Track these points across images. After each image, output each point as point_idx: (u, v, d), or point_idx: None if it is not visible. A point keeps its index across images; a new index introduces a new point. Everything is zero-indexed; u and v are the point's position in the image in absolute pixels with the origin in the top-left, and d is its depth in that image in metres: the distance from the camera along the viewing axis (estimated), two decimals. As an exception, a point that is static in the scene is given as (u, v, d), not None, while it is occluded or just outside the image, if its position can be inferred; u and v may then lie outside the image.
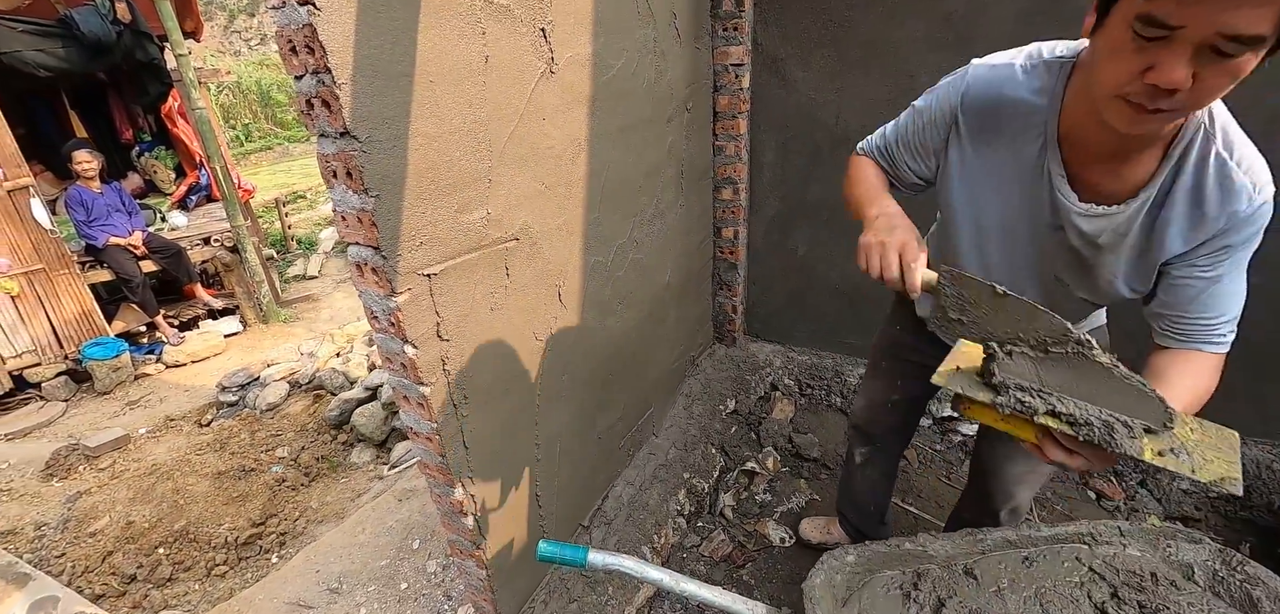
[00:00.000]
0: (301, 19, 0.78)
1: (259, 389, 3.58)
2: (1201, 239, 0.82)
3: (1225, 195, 0.79)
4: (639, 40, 1.62)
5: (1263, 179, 0.79)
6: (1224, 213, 0.80)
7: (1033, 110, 0.87)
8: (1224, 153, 0.78)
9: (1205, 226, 0.81)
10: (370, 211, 0.90)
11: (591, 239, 1.53)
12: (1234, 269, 0.85)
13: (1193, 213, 0.81)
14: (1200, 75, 0.65)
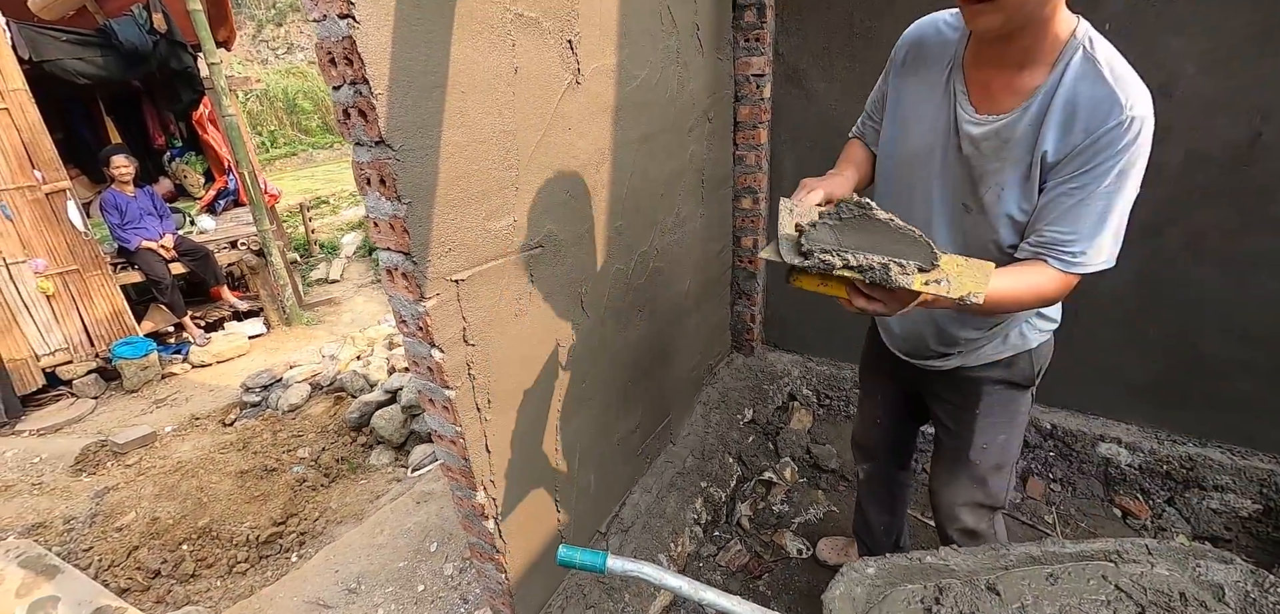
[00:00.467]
0: (341, 31, 0.81)
1: (281, 390, 3.65)
2: (1072, 146, 0.86)
3: (1097, 103, 0.84)
4: (662, 51, 1.64)
5: (1135, 96, 0.83)
6: (1095, 120, 0.84)
7: (947, 42, 1.00)
8: (1101, 66, 0.84)
9: (1076, 131, 0.85)
10: (402, 218, 0.93)
11: (614, 247, 1.54)
12: (1100, 189, 0.86)
13: (1067, 119, 0.86)
14: None
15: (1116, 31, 1.75)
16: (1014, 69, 0.90)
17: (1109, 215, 0.87)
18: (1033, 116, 0.89)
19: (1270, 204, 1.72)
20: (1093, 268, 0.91)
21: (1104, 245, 0.89)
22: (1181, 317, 1.93)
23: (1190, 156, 1.77)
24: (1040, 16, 0.84)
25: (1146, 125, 0.83)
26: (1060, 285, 0.92)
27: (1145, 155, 0.85)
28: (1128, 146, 0.83)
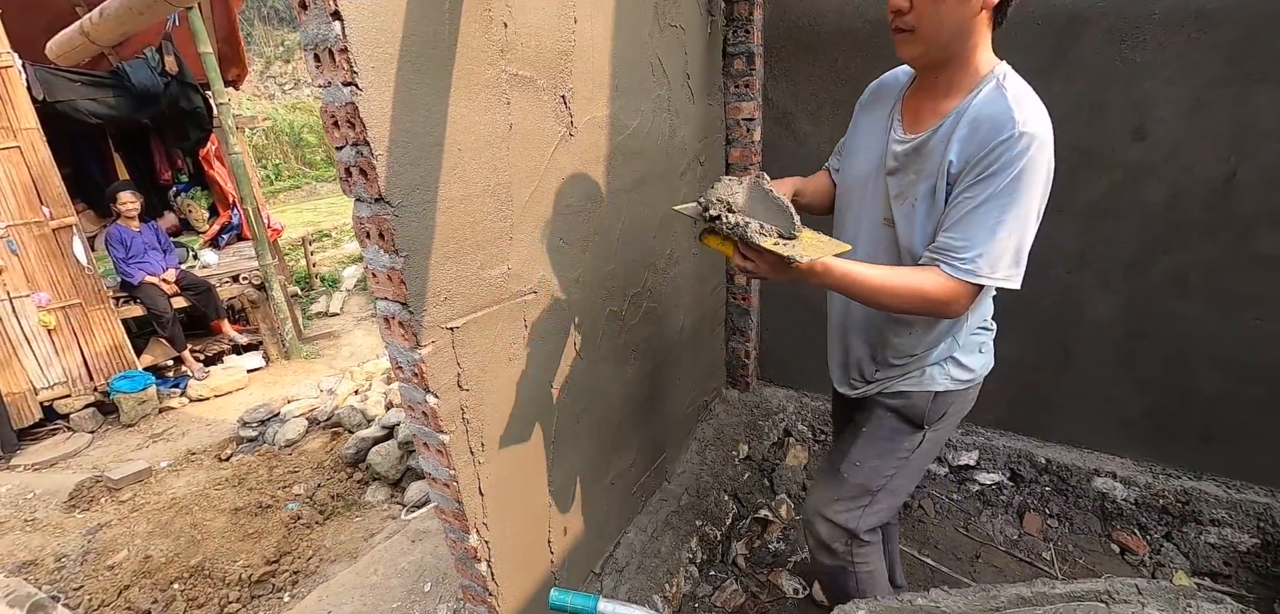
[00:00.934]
0: (345, 98, 0.86)
1: (279, 425, 3.65)
2: (969, 156, 0.92)
3: (994, 118, 0.90)
4: (654, 100, 1.71)
5: (1030, 115, 0.89)
6: (990, 132, 0.90)
7: (899, 84, 1.11)
8: (1006, 91, 0.92)
9: (975, 143, 0.92)
10: (400, 270, 0.96)
11: (607, 289, 1.58)
12: (994, 201, 0.90)
13: (970, 133, 0.93)
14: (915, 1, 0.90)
15: (1092, 75, 1.82)
16: (940, 96, 0.99)
17: (1000, 226, 0.91)
18: (944, 133, 0.97)
19: (1251, 241, 1.76)
20: (985, 279, 0.93)
21: (998, 258, 0.92)
22: (1170, 351, 1.96)
23: (1169, 195, 1.83)
24: (960, 51, 0.94)
25: (1037, 144, 0.88)
26: (946, 290, 0.95)
27: (1039, 176, 0.90)
28: (1017, 158, 0.88)
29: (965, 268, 0.93)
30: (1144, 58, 1.76)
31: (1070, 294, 2.05)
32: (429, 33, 0.95)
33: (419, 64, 0.94)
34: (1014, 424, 2.32)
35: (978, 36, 0.94)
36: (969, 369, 1.16)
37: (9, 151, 3.85)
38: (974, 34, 0.93)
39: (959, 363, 1.14)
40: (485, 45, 1.05)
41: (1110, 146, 1.86)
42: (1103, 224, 1.94)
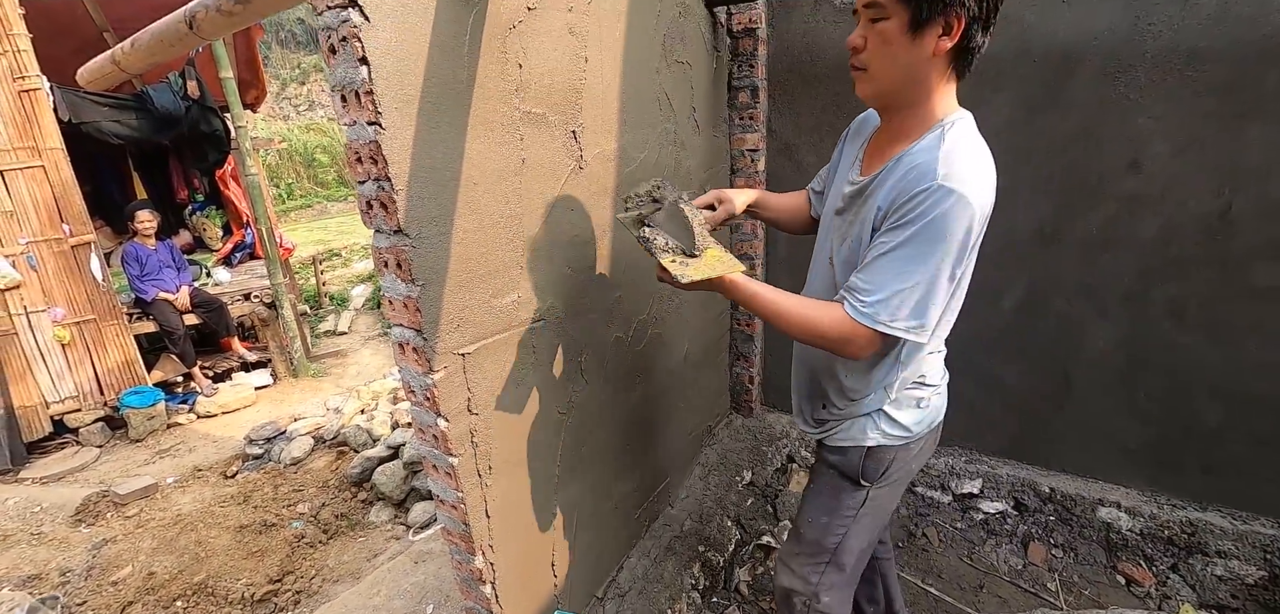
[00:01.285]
0: (369, 136, 0.91)
1: (285, 443, 3.67)
2: (893, 201, 0.91)
3: (920, 167, 0.89)
4: (661, 133, 1.76)
5: (956, 173, 0.85)
6: (911, 180, 0.89)
7: (875, 120, 1.10)
8: (944, 142, 0.89)
9: (898, 189, 0.91)
10: (416, 298, 1.00)
11: (613, 316, 1.62)
12: (902, 249, 0.89)
13: (899, 179, 0.92)
14: (868, 35, 0.91)
15: (1086, 110, 1.87)
16: (893, 139, 0.99)
17: (904, 276, 0.88)
18: (882, 177, 0.96)
19: (1247, 273, 1.79)
20: (883, 327, 0.91)
21: (898, 307, 0.90)
22: (1171, 381, 1.97)
23: (1165, 227, 1.86)
24: (914, 95, 0.93)
25: (956, 201, 0.84)
26: (842, 328, 0.93)
27: (953, 233, 0.86)
28: (930, 210, 0.85)
29: (864, 310, 0.91)
30: (1137, 94, 1.81)
31: (1070, 323, 2.07)
32: (448, 75, 1.00)
33: (438, 104, 0.99)
34: (1017, 452, 2.32)
35: (933, 82, 0.92)
36: (902, 426, 1.11)
37: (33, 171, 3.96)
38: (928, 79, 0.91)
39: (890, 418, 1.10)
40: (501, 86, 1.11)
41: (1106, 179, 1.90)
42: (1100, 255, 1.97)
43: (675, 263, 1.02)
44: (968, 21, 0.85)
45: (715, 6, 2.09)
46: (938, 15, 0.84)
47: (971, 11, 0.84)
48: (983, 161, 0.90)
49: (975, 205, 0.86)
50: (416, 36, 0.94)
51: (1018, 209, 2.04)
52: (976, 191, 0.86)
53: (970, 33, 0.86)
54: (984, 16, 0.86)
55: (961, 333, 2.21)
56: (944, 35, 0.86)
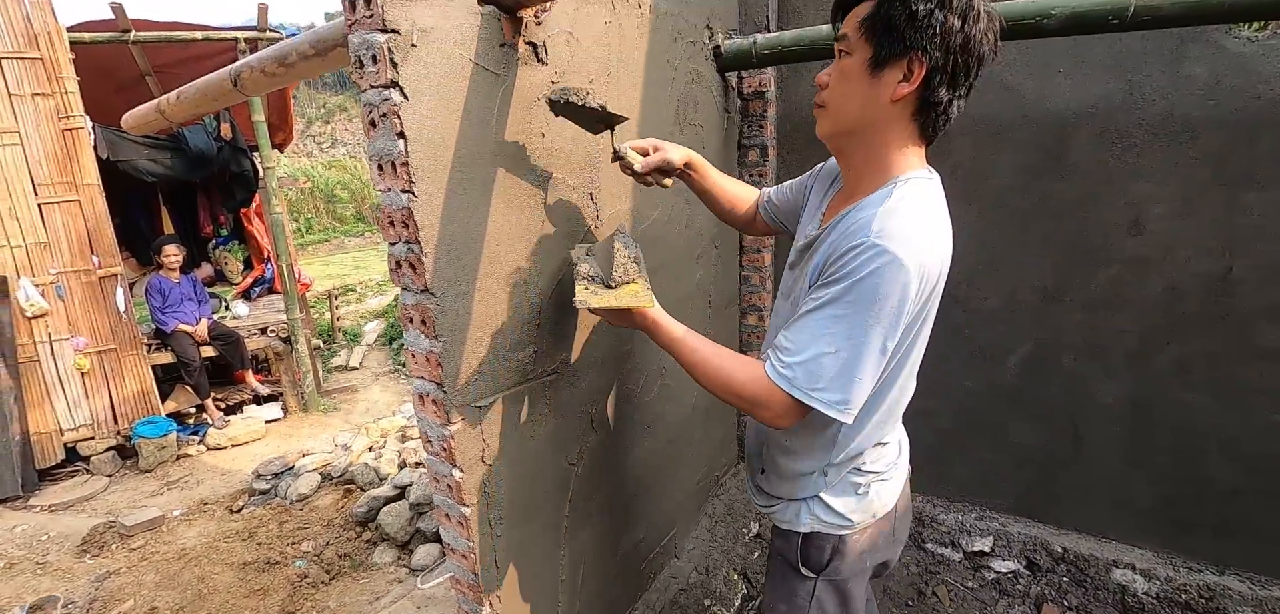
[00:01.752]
0: (402, 202, 0.98)
1: (292, 479, 3.69)
2: (827, 257, 0.86)
3: (858, 223, 0.83)
4: (671, 191, 1.83)
5: (893, 231, 0.79)
6: (845, 238, 0.83)
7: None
8: (889, 201, 0.83)
9: (835, 244, 0.85)
10: (438, 354, 1.05)
11: (624, 368, 1.66)
12: (826, 309, 0.82)
13: (837, 237, 0.86)
14: (834, 71, 0.90)
15: (1086, 174, 1.92)
16: (848, 193, 0.95)
17: (825, 339, 0.81)
18: (827, 231, 0.91)
19: (1251, 335, 1.80)
20: (799, 393, 0.83)
21: (817, 374, 0.82)
22: (1181, 441, 1.96)
23: (1168, 288, 1.89)
24: (870, 145, 0.88)
25: (888, 262, 0.77)
26: (757, 388, 0.87)
27: (884, 299, 0.78)
28: (858, 270, 0.79)
29: (781, 371, 0.84)
30: (1134, 159, 1.86)
31: (1077, 381, 2.08)
32: (477, 146, 1.07)
33: (467, 172, 1.06)
34: (1028, 509, 2.30)
35: (891, 135, 0.87)
36: (837, 513, 1.01)
37: (70, 204, 4.14)
38: (885, 131, 0.87)
39: (825, 503, 1.02)
40: (525, 154, 1.18)
41: (1108, 240, 1.94)
42: (1105, 314, 1.99)
43: (586, 289, 1.04)
44: (929, 69, 0.81)
45: (727, 71, 2.19)
46: (898, 56, 0.81)
47: (934, 60, 0.80)
48: (930, 222, 0.84)
49: (911, 268, 0.78)
50: (450, 111, 1.01)
51: (1022, 268, 2.08)
52: (914, 253, 0.78)
53: (932, 84, 0.82)
54: (948, 71, 0.81)
55: (969, 389, 2.24)
56: (904, 81, 0.82)
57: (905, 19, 0.79)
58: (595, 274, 1.08)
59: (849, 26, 0.86)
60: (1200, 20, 1.46)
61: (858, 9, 0.85)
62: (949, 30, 0.78)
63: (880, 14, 0.81)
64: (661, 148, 1.25)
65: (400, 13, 0.91)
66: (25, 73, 3.93)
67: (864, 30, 0.83)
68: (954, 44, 0.79)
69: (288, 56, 1.50)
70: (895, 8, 0.80)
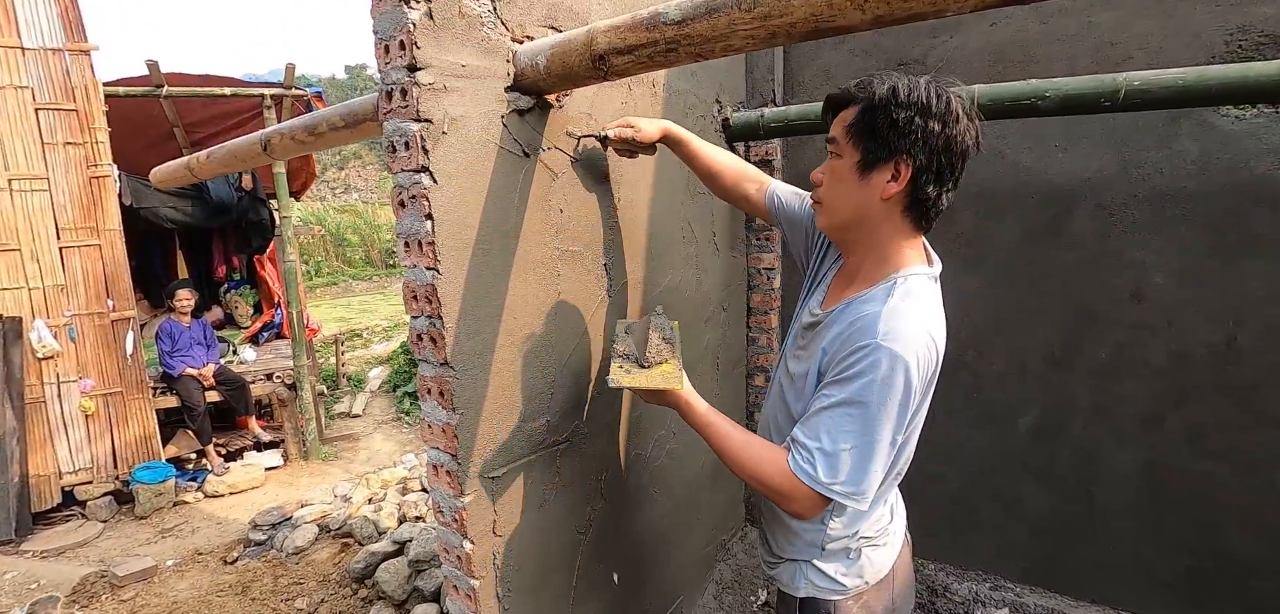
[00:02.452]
0: (427, 279, 1.01)
1: (289, 530, 3.63)
2: (836, 353, 0.89)
3: (862, 321, 0.87)
4: (683, 258, 1.88)
5: (896, 334, 0.83)
6: (852, 333, 0.87)
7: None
8: (892, 298, 0.88)
9: (841, 341, 0.89)
10: (454, 425, 1.07)
11: (634, 434, 1.66)
12: (842, 408, 0.85)
13: (843, 330, 0.90)
14: (826, 171, 0.95)
15: (1087, 242, 1.96)
16: (850, 280, 0.99)
17: (843, 435, 0.85)
18: (832, 318, 0.95)
19: (1259, 403, 1.79)
20: (822, 487, 0.87)
21: (837, 467, 0.86)
22: (1198, 510, 1.92)
23: (1174, 355, 1.89)
24: (869, 239, 0.93)
25: (894, 362, 0.82)
26: (785, 483, 0.89)
27: (891, 396, 0.83)
28: (868, 370, 0.83)
29: (802, 466, 0.88)
30: (1132, 230, 1.90)
31: (1089, 447, 2.07)
32: (499, 224, 1.12)
33: (488, 250, 1.10)
34: (1044, 579, 2.24)
35: (887, 230, 0.91)
36: (831, 578, 1.03)
37: (91, 248, 4.23)
38: (881, 225, 0.91)
39: (819, 569, 1.04)
40: (543, 229, 1.23)
41: (1111, 307, 1.96)
42: (1113, 381, 1.99)
43: (620, 368, 1.06)
44: (914, 170, 0.86)
45: (735, 141, 2.28)
46: (884, 160, 0.87)
47: (919, 161, 0.85)
48: (929, 320, 0.88)
49: (914, 368, 0.83)
50: (475, 192, 1.06)
51: (1028, 333, 2.10)
52: (916, 352, 0.84)
53: (919, 183, 0.87)
54: (934, 169, 0.86)
55: (980, 450, 2.22)
56: (892, 181, 0.87)
57: (888, 126, 0.85)
58: (630, 353, 1.10)
59: (837, 130, 0.93)
60: (1188, 103, 1.52)
61: (844, 114, 0.92)
62: (930, 134, 0.84)
63: (865, 121, 0.88)
64: (632, 123, 1.27)
65: (433, 104, 0.97)
66: (59, 122, 4.10)
67: (851, 135, 0.90)
68: (936, 146, 0.85)
69: (318, 126, 1.58)
70: (878, 116, 0.86)
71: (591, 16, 1.36)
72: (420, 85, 0.94)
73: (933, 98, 0.84)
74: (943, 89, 0.86)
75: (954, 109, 0.85)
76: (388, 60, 0.96)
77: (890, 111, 0.85)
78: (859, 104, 0.90)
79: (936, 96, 0.84)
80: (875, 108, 0.87)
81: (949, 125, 0.84)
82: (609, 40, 1.01)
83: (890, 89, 0.86)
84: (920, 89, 0.85)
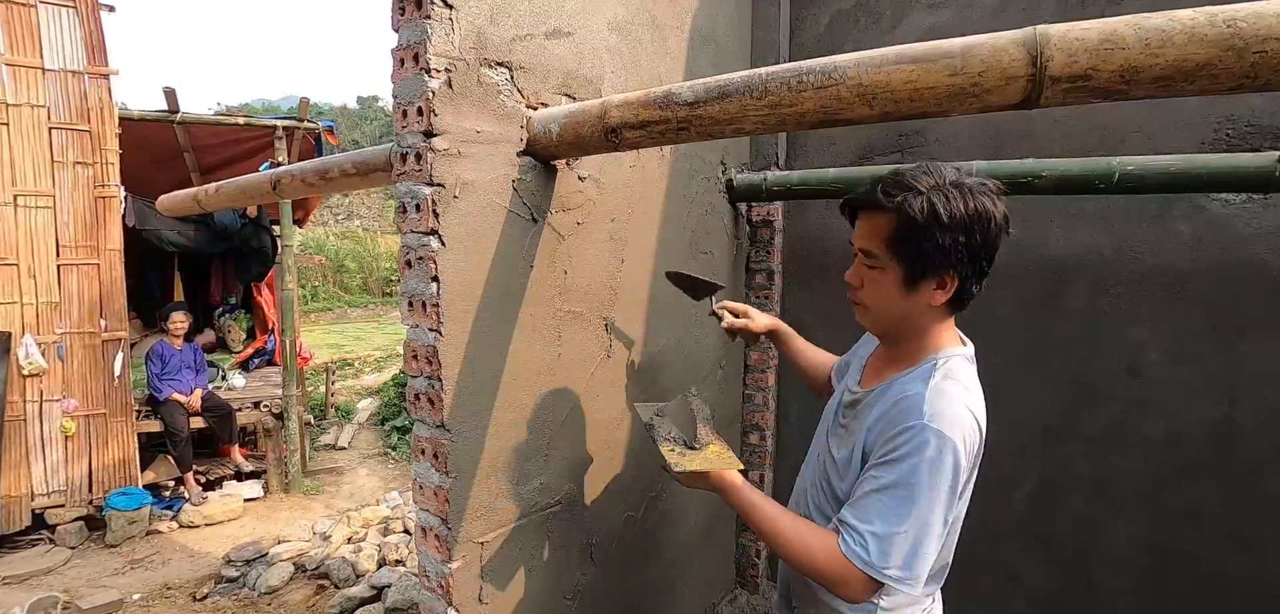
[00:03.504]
0: (429, 341, 1.01)
1: (264, 568, 3.50)
2: (881, 434, 0.90)
3: (907, 402, 0.88)
4: (683, 315, 1.88)
5: (941, 414, 0.85)
6: (898, 414, 0.88)
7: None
8: (934, 378, 0.90)
9: (885, 421, 0.90)
10: (447, 489, 1.04)
11: (626, 495, 1.63)
12: (893, 491, 0.85)
13: (887, 408, 0.91)
14: (865, 277, 0.96)
15: (1083, 317, 1.97)
16: (891, 360, 1.01)
17: (897, 519, 0.85)
18: (874, 396, 0.97)
19: (1258, 482, 1.77)
20: (875, 571, 0.86)
21: (890, 551, 0.85)
22: (1201, 589, 1.88)
23: (1170, 431, 1.88)
24: (911, 330, 0.96)
25: (941, 443, 0.83)
26: (835, 565, 0.88)
27: (942, 477, 0.84)
28: (915, 452, 0.84)
29: (857, 551, 0.87)
30: (1127, 306, 1.92)
31: (1087, 520, 2.04)
32: (504, 286, 1.13)
33: (491, 311, 1.10)
34: (1044, 663, 2.16)
35: (928, 320, 0.95)
36: None
37: (89, 267, 4.22)
38: (923, 319, 0.94)
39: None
40: (547, 291, 1.23)
41: (1108, 382, 1.96)
42: (1111, 455, 1.98)
43: (673, 452, 1.07)
44: (961, 280, 0.89)
45: (738, 202, 2.32)
46: (929, 276, 0.89)
47: (964, 272, 0.88)
48: (971, 400, 0.90)
49: (961, 448, 0.85)
50: (483, 255, 1.07)
51: (1024, 402, 2.09)
52: (963, 432, 0.85)
53: (964, 286, 0.90)
54: (974, 272, 0.89)
55: (977, 521, 2.16)
56: (938, 289, 0.90)
57: (934, 249, 0.86)
58: (677, 437, 1.10)
59: (873, 242, 0.92)
60: (1179, 188, 1.57)
61: (876, 222, 0.91)
62: (974, 248, 0.86)
63: (908, 240, 0.88)
64: (749, 314, 1.40)
65: (447, 169, 0.98)
66: (72, 142, 4.14)
67: (892, 250, 0.90)
68: (979, 253, 0.87)
69: (329, 171, 1.60)
70: (923, 240, 0.86)
71: (604, 83, 1.41)
72: (435, 151, 0.96)
73: (972, 213, 0.85)
74: (977, 197, 0.86)
75: (989, 212, 0.86)
76: (405, 124, 0.99)
77: (934, 235, 0.85)
78: (892, 215, 0.88)
79: (977, 212, 0.85)
80: (918, 230, 0.86)
81: (988, 233, 0.86)
82: (622, 114, 1.04)
83: (930, 210, 0.85)
84: (959, 206, 0.85)
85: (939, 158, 2.17)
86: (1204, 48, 0.69)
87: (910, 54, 0.80)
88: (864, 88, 0.83)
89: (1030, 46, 0.75)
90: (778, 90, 0.89)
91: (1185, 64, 0.71)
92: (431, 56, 0.95)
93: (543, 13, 1.18)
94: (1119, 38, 0.72)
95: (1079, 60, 0.74)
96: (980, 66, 0.77)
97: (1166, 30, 0.70)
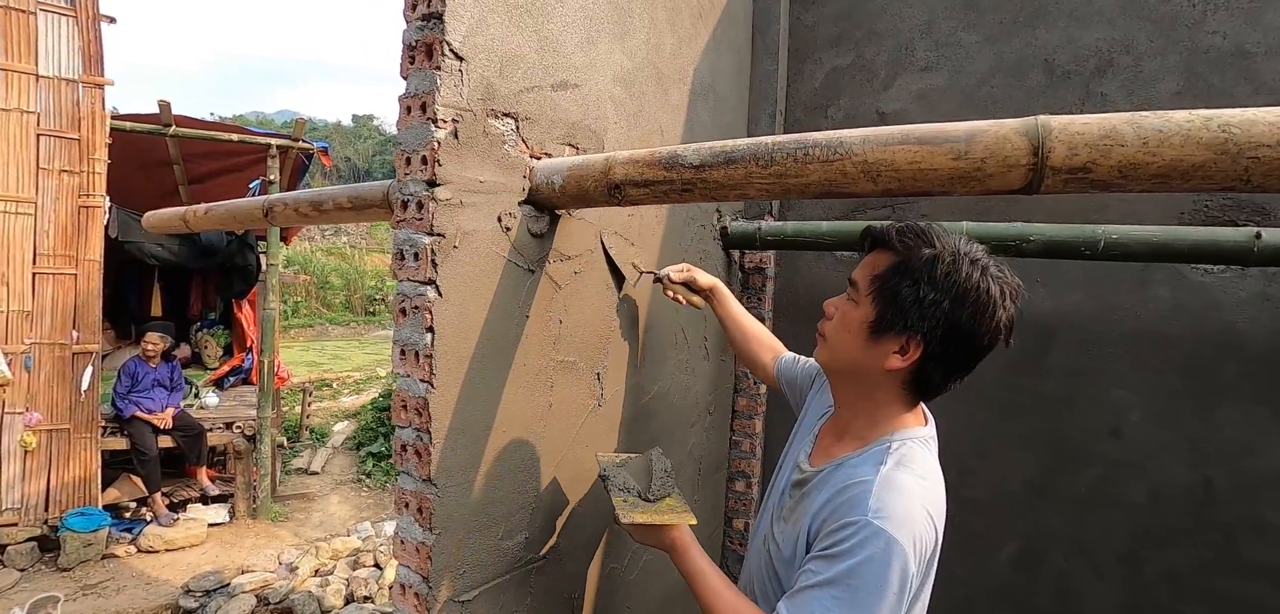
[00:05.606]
0: (420, 391, 0.98)
1: (225, 600, 3.34)
2: (823, 523, 0.81)
3: (855, 494, 0.79)
4: (673, 364, 1.87)
5: (890, 509, 0.76)
6: (842, 504, 0.79)
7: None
8: (885, 467, 0.81)
9: (829, 510, 0.81)
10: (430, 545, 1.00)
11: (611, 548, 1.58)
12: (831, 589, 0.76)
13: (832, 496, 0.83)
14: (839, 308, 0.92)
15: (1064, 377, 1.99)
16: (840, 434, 0.94)
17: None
18: (821, 478, 0.89)
19: (1236, 547, 1.78)
20: None
21: None
22: None
23: (1150, 493, 1.89)
24: (862, 393, 0.89)
25: (886, 544, 0.74)
26: None
27: (886, 581, 0.74)
28: (857, 550, 0.75)
29: None
30: (1111, 367, 1.95)
31: (1068, 581, 2.03)
32: (498, 337, 1.11)
33: (485, 362, 1.08)
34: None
35: (882, 395, 0.87)
36: None
37: (65, 277, 4.11)
38: (877, 391, 0.87)
39: None
40: (542, 341, 1.22)
41: (1089, 442, 1.97)
42: (1091, 514, 1.98)
43: (625, 502, 1.05)
44: (924, 355, 0.82)
45: (731, 249, 2.33)
46: (895, 330, 0.82)
47: (933, 347, 0.81)
48: (927, 493, 0.81)
49: (911, 551, 0.75)
50: (479, 305, 1.05)
51: (1007, 462, 2.10)
52: (912, 533, 0.76)
53: (927, 366, 0.83)
54: (944, 358, 0.82)
55: (959, 581, 2.15)
56: (897, 353, 0.83)
57: (911, 299, 0.81)
58: (631, 487, 1.09)
59: (862, 275, 0.88)
60: (1161, 258, 1.62)
61: (876, 258, 0.88)
62: (954, 324, 0.79)
63: (891, 281, 0.83)
64: (692, 269, 1.43)
65: (448, 219, 0.97)
66: (59, 149, 4.08)
67: (873, 289, 0.86)
68: (954, 337, 0.80)
69: (324, 203, 1.58)
70: (904, 283, 0.81)
71: (607, 134, 1.42)
72: (438, 200, 0.95)
73: (970, 286, 0.79)
74: (986, 277, 0.80)
75: (989, 300, 0.80)
76: (408, 172, 0.98)
77: (919, 284, 0.80)
78: (894, 255, 0.84)
79: (976, 289, 0.79)
80: (905, 273, 0.81)
81: (978, 320, 0.80)
82: (626, 172, 1.04)
83: (928, 261, 0.80)
84: (961, 271, 0.79)
85: (929, 217, 2.22)
86: (1199, 150, 0.71)
87: (916, 135, 0.82)
88: (869, 165, 0.84)
89: (1032, 137, 0.76)
90: (784, 161, 0.89)
91: (1181, 164, 0.72)
92: (439, 106, 0.94)
93: (551, 66, 1.19)
94: (1118, 135, 0.74)
95: (1079, 153, 0.75)
96: (983, 153, 0.78)
97: (1163, 131, 0.72)
